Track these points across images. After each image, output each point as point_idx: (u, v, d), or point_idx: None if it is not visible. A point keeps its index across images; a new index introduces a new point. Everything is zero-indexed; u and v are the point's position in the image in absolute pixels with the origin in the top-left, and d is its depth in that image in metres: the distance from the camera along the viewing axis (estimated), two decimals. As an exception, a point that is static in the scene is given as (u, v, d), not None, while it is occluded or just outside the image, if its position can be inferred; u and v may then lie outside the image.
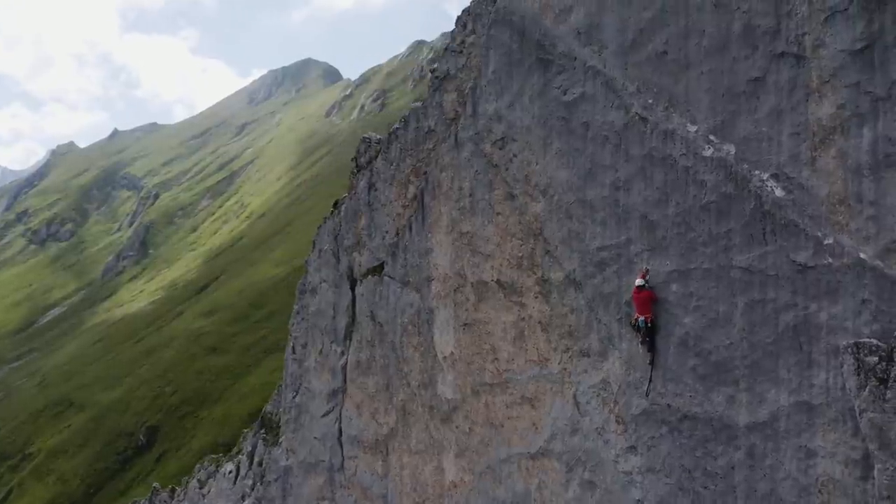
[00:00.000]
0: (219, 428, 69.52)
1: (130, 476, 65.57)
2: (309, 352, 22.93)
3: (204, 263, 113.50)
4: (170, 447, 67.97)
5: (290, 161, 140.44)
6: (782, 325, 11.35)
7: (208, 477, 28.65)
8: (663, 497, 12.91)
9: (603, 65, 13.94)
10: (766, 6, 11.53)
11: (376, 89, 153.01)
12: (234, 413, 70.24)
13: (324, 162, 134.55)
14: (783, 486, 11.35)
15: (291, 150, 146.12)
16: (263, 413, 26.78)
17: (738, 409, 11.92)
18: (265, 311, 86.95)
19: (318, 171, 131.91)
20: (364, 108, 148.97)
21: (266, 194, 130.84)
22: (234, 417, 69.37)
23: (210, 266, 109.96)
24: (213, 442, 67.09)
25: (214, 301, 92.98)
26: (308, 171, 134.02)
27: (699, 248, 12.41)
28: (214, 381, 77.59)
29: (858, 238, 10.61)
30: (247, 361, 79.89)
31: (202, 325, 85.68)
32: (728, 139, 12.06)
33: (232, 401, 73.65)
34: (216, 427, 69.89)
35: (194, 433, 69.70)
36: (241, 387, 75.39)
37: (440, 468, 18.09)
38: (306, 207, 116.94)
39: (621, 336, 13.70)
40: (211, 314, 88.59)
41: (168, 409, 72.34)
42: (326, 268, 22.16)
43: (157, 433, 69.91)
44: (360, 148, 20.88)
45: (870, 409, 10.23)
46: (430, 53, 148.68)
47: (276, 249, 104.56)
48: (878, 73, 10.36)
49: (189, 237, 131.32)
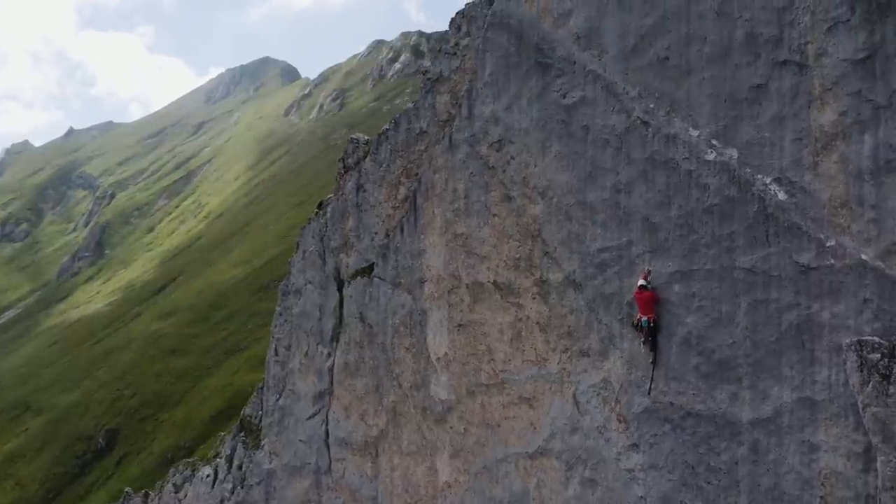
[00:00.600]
0: (180, 431, 68.11)
1: (90, 480, 63.83)
2: (293, 354, 22.66)
3: (161, 264, 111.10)
4: (130, 450, 66.37)
5: (249, 160, 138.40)
6: (785, 323, 11.66)
7: (184, 481, 28.08)
8: (666, 493, 13.14)
9: (603, 69, 14.11)
10: (768, 15, 11.82)
11: (335, 89, 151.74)
12: (196, 415, 68.92)
13: (282, 161, 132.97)
14: (786, 480, 11.67)
15: (249, 149, 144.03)
16: (242, 416, 26.36)
17: (742, 405, 12.20)
18: (225, 312, 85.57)
19: (277, 170, 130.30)
20: (323, 108, 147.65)
21: (224, 194, 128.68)
22: (195, 420, 68.07)
23: (168, 267, 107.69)
24: (175, 445, 65.78)
25: (173, 302, 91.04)
26: (266, 170, 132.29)
27: (702, 249, 12.67)
28: (175, 384, 76.00)
29: (860, 240, 10.96)
30: (207, 363, 78.49)
31: (161, 327, 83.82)
32: (730, 144, 12.33)
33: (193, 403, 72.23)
34: (177, 430, 68.46)
35: (155, 436, 68.21)
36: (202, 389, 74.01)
37: (433, 469, 18.07)
38: (265, 207, 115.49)
39: (622, 336, 13.89)
40: (170, 315, 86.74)
41: (127, 412, 70.62)
42: (312, 269, 21.93)
43: (117, 436, 68.23)
44: (348, 149, 20.72)
45: (873, 405, 10.58)
46: (389, 53, 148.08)
47: (234, 250, 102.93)
48: (879, 82, 10.72)
49: (146, 237, 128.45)
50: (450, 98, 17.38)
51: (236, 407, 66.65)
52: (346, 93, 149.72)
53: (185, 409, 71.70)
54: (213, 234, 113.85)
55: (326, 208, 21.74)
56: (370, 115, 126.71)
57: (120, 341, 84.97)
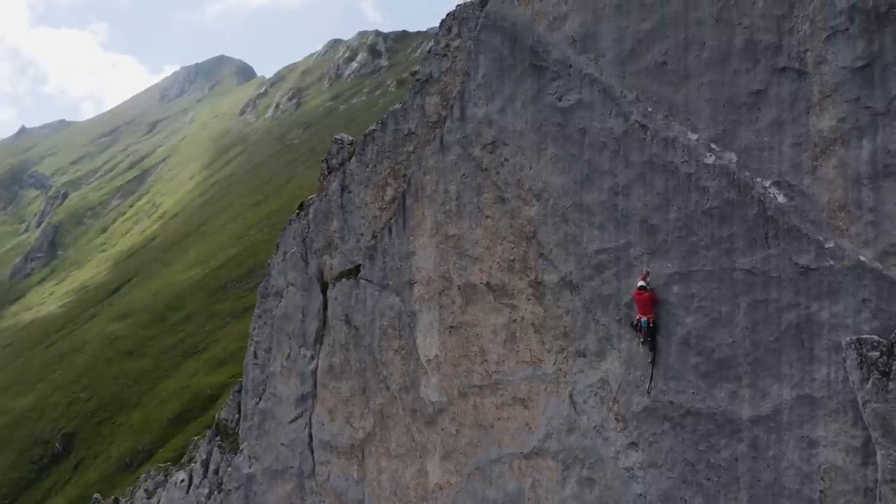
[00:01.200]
0: (138, 434, 66.42)
1: (47, 485, 61.73)
2: (274, 356, 22.21)
3: (115, 265, 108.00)
4: (87, 454, 64.44)
5: (204, 160, 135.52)
6: (785, 323, 11.85)
7: (157, 486, 27.32)
8: (666, 490, 13.25)
9: (600, 73, 14.14)
10: (767, 23, 11.99)
11: (292, 88, 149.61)
12: (154, 418, 67.29)
13: (238, 161, 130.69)
14: (786, 475, 11.86)
15: (205, 148, 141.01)
16: (218, 420, 25.74)
17: (741, 403, 12.37)
18: (182, 314, 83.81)
19: (233, 169, 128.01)
20: (279, 107, 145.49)
21: (179, 194, 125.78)
22: (153, 423, 66.46)
23: (122, 268, 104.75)
24: (133, 448, 64.20)
25: (128, 304, 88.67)
26: (222, 170, 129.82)
27: (701, 251, 12.79)
28: (132, 386, 74.11)
29: (858, 242, 11.20)
30: (165, 365, 76.77)
31: (117, 329, 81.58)
32: (729, 148, 12.47)
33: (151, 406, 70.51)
34: (135, 433, 66.75)
35: (112, 439, 66.42)
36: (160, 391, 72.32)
37: (423, 471, 17.90)
38: (221, 207, 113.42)
39: (620, 336, 13.94)
40: (125, 317, 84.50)
41: (84, 416, 68.56)
42: (294, 271, 21.52)
43: (74, 440, 66.16)
44: (332, 149, 20.38)
45: (873, 400, 10.83)
46: (346, 52, 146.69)
47: (190, 250, 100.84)
48: (877, 90, 10.97)
49: (99, 238, 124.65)
50: (440, 99, 17.23)
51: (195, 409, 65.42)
52: (302, 92, 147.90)
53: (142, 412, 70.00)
54: (169, 234, 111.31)
55: (308, 209, 21.35)
56: (327, 114, 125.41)
57: (75, 344, 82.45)
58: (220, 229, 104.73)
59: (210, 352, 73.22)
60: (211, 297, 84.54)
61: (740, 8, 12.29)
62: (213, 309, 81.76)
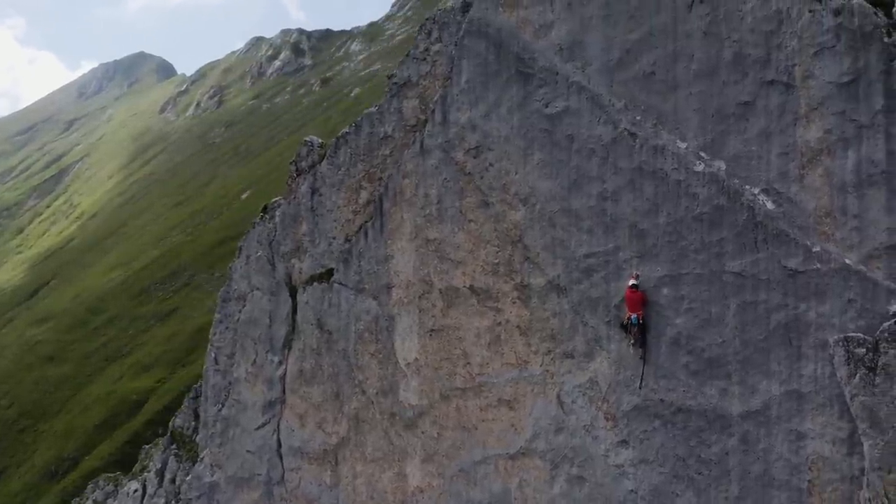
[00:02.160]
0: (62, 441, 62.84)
1: (-35, 499, 57.51)
2: (238, 362, 21.30)
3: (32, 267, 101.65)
4: (10, 463, 60.51)
5: (123, 159, 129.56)
6: (773, 323, 12.22)
7: (106, 497, 25.79)
8: (658, 485, 13.44)
9: (587, 81, 14.19)
10: (756, 38, 12.31)
11: (213, 86, 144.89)
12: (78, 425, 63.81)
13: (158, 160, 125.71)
14: (776, 467, 12.24)
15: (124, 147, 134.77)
16: (172, 428, 24.51)
17: (731, 400, 12.68)
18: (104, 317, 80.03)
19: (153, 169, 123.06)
20: (200, 105, 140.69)
21: (97, 194, 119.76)
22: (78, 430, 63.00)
23: (39, 270, 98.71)
24: (58, 457, 60.65)
25: (48, 307, 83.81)
26: (142, 169, 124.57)
27: (691, 254, 13.03)
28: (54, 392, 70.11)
29: (843, 246, 11.67)
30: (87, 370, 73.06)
31: (36, 333, 76.98)
32: (718, 156, 12.75)
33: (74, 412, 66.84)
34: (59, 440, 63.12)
35: (35, 447, 62.61)
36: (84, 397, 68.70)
37: (402, 474, 17.56)
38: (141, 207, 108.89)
39: (609, 337, 14.05)
40: (45, 321, 79.86)
41: (5, 423, 64.40)
42: (259, 275, 20.70)
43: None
44: (301, 151, 19.70)
45: (861, 394, 11.30)
46: (269, 51, 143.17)
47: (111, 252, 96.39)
48: (862, 104, 11.44)
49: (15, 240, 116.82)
50: (419, 103, 16.92)
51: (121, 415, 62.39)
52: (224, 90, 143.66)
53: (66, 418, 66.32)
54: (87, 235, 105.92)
55: (274, 212, 20.58)
56: (249, 113, 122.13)
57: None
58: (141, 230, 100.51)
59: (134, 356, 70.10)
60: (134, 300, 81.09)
61: (729, 23, 12.58)
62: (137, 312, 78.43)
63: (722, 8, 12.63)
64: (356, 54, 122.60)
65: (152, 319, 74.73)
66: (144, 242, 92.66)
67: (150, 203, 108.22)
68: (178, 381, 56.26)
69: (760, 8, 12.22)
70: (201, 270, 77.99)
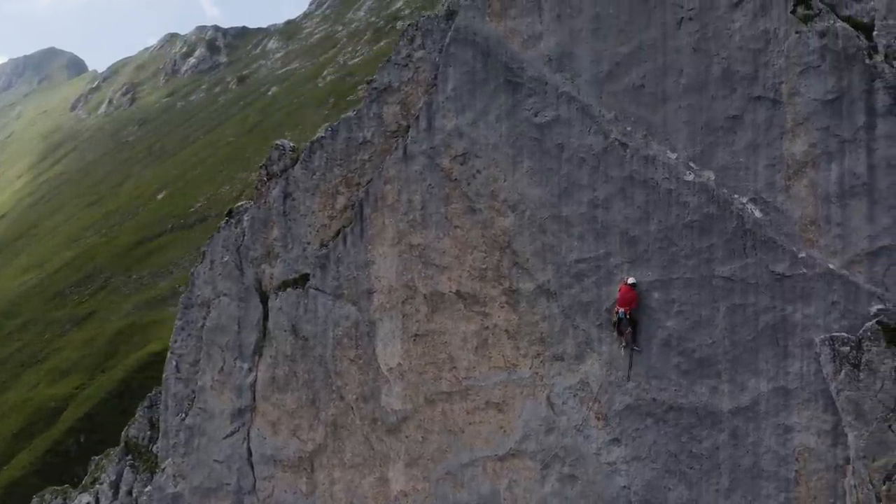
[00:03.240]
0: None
1: None
2: (203, 370, 20.24)
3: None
4: (-77, 475, 55.50)
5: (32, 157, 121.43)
6: (762, 324, 12.69)
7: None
8: (650, 481, 13.71)
9: (577, 92, 14.28)
10: (744, 55, 12.73)
11: (125, 83, 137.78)
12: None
13: (70, 159, 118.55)
14: (765, 459, 12.72)
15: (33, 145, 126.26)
16: (127, 438, 23.06)
17: (721, 397, 13.08)
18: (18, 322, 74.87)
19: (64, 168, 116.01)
20: (112, 103, 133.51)
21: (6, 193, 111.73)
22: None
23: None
24: (-26, 466, 56.23)
25: (-43, 312, 77.49)
26: (52, 168, 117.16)
27: (681, 260, 13.34)
28: (-34, 401, 64.89)
29: (827, 252, 12.24)
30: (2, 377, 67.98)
31: (-55, 339, 71.02)
32: (707, 166, 13.11)
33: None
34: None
35: (-49, 457, 57.72)
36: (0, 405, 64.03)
37: (383, 479, 17.17)
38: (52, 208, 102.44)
39: (601, 340, 14.21)
40: (-45, 326, 73.82)
41: (-84, 433, 59.00)
42: (226, 280, 19.73)
43: None
44: (273, 155, 18.90)
45: (846, 389, 11.90)
46: (183, 48, 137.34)
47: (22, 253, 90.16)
48: (845, 121, 12.03)
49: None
50: (400, 109, 16.56)
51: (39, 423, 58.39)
52: (137, 87, 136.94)
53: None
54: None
55: (242, 216, 19.68)
56: (163, 111, 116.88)
57: None
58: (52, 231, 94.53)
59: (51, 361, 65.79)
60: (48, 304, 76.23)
61: (717, 40, 12.95)
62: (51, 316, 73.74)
63: (711, 26, 12.98)
64: (273, 52, 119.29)
65: (68, 323, 70.49)
66: (57, 244, 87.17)
67: (62, 203, 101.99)
68: (97, 388, 53.10)
69: (748, 27, 12.64)
70: (118, 272, 74.09)
